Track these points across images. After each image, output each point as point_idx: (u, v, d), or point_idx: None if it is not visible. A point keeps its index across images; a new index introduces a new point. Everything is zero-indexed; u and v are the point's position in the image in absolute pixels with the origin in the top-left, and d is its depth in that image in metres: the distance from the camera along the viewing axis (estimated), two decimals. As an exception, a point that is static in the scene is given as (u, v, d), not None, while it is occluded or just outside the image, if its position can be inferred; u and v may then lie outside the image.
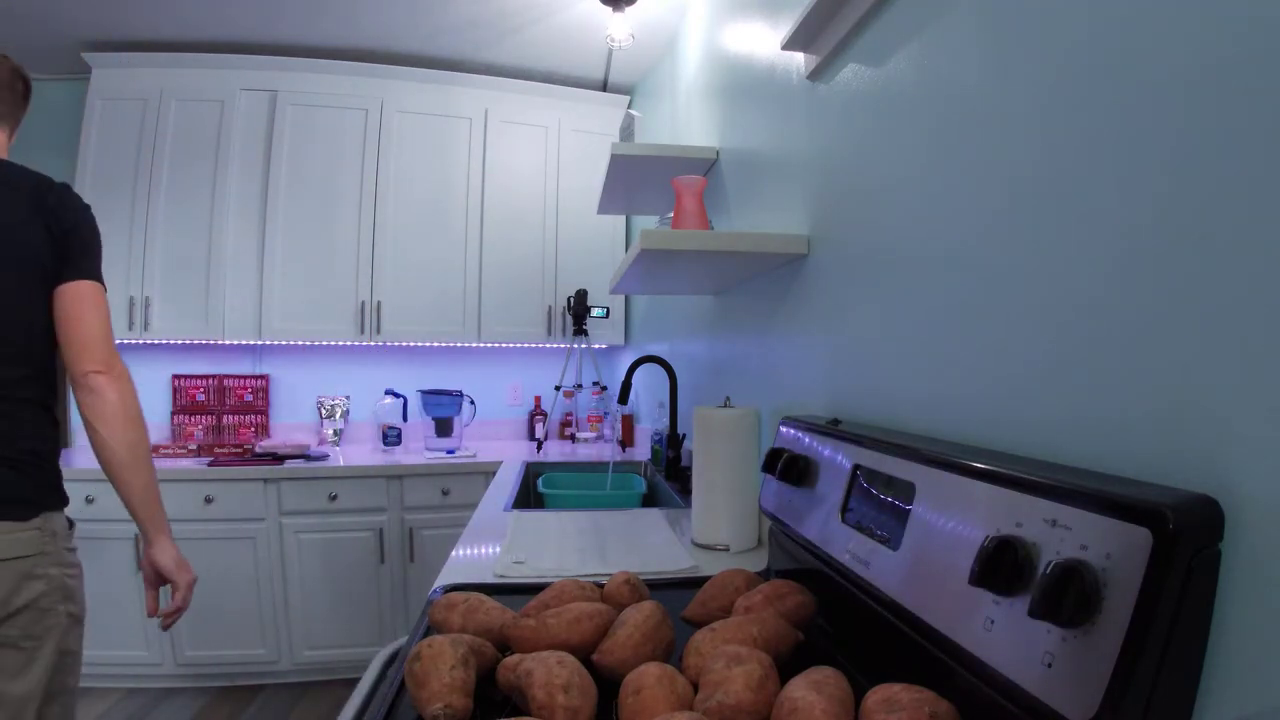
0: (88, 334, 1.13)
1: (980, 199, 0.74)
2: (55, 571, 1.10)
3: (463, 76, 2.87)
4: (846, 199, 1.06)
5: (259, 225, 2.70)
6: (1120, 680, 0.43)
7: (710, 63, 1.92)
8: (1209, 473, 0.47)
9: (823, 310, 1.14)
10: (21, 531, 1.05)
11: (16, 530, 1.05)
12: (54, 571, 1.10)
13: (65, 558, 1.13)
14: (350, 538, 2.45)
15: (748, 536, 1.29)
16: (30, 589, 1.06)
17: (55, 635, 1.09)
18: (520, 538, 1.35)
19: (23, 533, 1.06)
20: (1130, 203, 0.54)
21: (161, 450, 2.54)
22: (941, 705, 0.55)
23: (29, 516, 1.07)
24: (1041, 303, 0.64)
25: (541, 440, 2.88)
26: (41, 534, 1.08)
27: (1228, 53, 0.47)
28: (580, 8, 2.38)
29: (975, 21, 0.75)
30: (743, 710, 0.59)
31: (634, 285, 1.73)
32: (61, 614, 1.11)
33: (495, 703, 0.70)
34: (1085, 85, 0.59)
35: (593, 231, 3.03)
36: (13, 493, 1.06)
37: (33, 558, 1.07)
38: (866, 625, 0.76)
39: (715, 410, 1.28)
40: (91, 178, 2.58)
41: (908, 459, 0.72)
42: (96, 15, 2.43)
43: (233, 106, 2.68)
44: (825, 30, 1.11)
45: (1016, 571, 0.52)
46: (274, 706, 2.31)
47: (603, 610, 0.79)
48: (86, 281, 1.14)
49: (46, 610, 1.08)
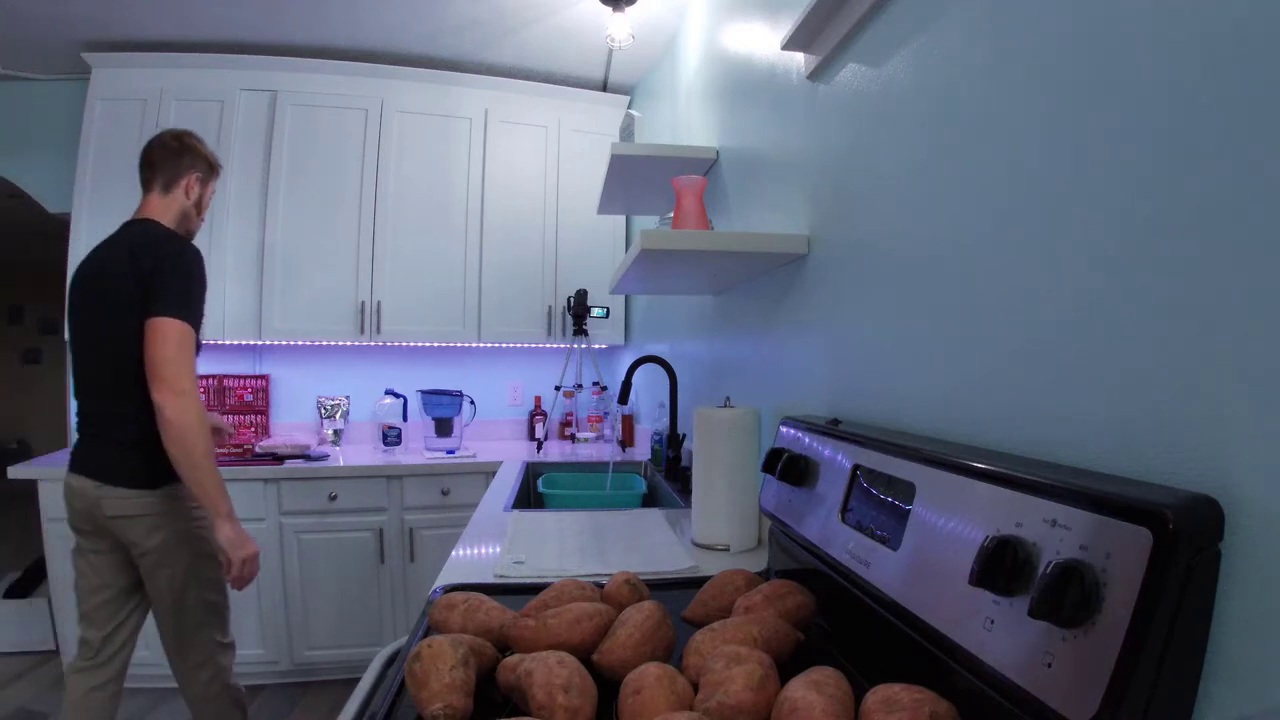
0: (152, 363, 1.43)
1: (980, 198, 0.74)
2: (180, 524, 1.52)
3: (463, 76, 2.87)
4: (846, 199, 1.06)
5: (259, 225, 2.70)
6: (1120, 680, 0.43)
7: (710, 63, 1.92)
8: (1209, 473, 0.47)
9: (823, 310, 1.14)
10: (149, 495, 1.49)
11: (144, 495, 1.49)
12: (179, 524, 1.52)
13: (189, 513, 1.54)
14: (350, 538, 2.45)
15: (748, 536, 1.29)
16: (155, 536, 1.49)
17: (182, 563, 1.53)
18: (520, 538, 1.35)
19: (150, 496, 1.49)
20: (1130, 202, 0.54)
21: (161, 450, 2.54)
22: (941, 705, 0.55)
23: (156, 486, 1.49)
24: (1041, 303, 0.64)
25: (541, 440, 2.88)
26: (166, 499, 1.51)
27: (1225, 53, 0.47)
28: (580, 8, 2.38)
29: (975, 21, 0.75)
30: (743, 710, 0.59)
31: (634, 285, 1.73)
32: (185, 552, 1.53)
33: (495, 703, 0.70)
34: (1084, 85, 0.59)
35: (593, 231, 3.03)
36: (139, 469, 1.49)
37: (155, 516, 1.49)
38: (866, 625, 0.76)
39: (715, 410, 1.28)
40: (91, 178, 2.58)
41: (908, 459, 0.72)
42: (96, 15, 2.43)
43: (233, 106, 2.68)
44: (825, 30, 1.11)
45: (1016, 571, 0.52)
46: (274, 706, 2.31)
47: (603, 610, 0.79)
48: (157, 318, 1.44)
49: (170, 549, 1.51)
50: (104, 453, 1.49)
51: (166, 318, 1.43)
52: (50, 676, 2.41)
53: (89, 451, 1.51)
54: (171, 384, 1.42)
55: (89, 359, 1.52)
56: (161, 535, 1.49)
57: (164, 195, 1.58)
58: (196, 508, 1.54)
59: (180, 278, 1.48)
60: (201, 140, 1.67)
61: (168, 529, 1.50)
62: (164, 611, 1.55)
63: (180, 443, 1.42)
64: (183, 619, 1.55)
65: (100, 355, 1.50)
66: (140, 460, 1.48)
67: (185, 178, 1.60)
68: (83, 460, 1.51)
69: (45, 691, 2.32)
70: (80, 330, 1.53)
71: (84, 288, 1.53)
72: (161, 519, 1.49)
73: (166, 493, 1.50)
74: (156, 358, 1.42)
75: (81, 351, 1.53)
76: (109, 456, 1.48)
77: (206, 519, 1.53)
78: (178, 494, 1.51)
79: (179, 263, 1.49)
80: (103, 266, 1.50)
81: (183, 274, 1.48)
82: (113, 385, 1.49)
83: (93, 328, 1.51)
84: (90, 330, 1.52)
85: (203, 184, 1.65)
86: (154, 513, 1.48)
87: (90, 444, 1.51)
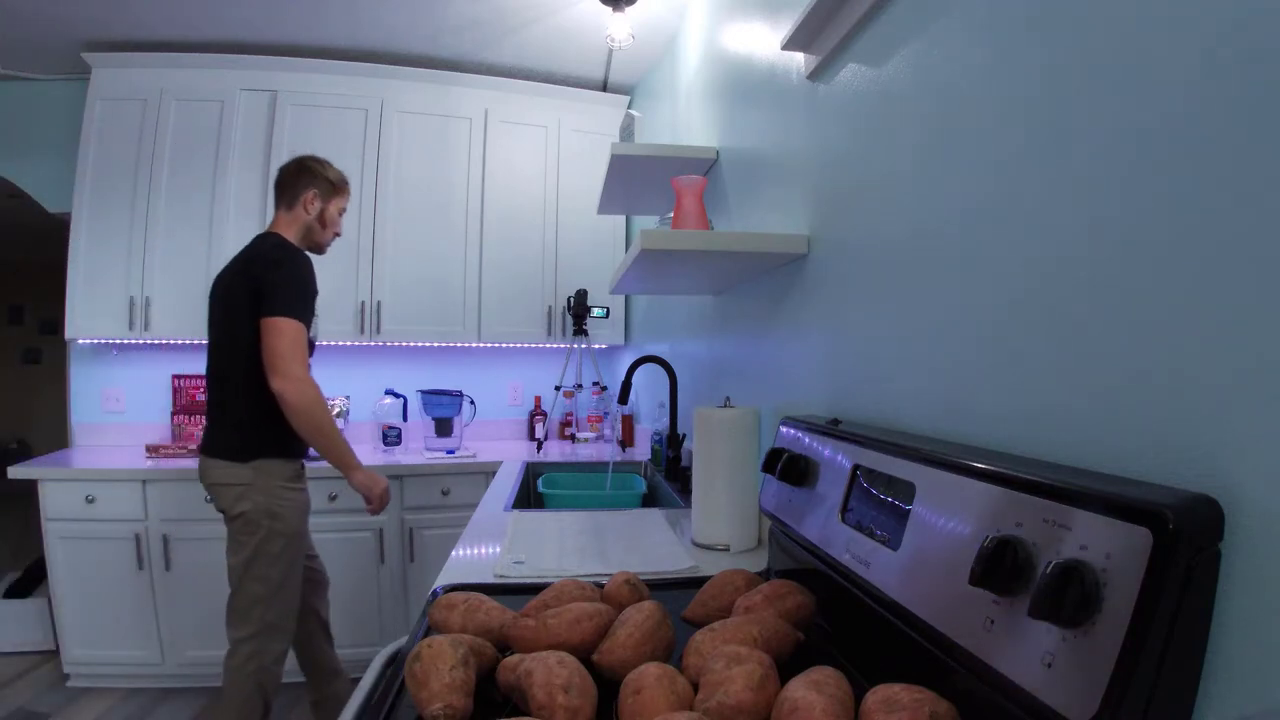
0: (269, 356, 1.65)
1: (980, 198, 0.74)
2: (262, 498, 1.69)
3: (463, 76, 2.87)
4: (846, 199, 1.06)
5: (259, 225, 2.69)
6: (1120, 680, 0.43)
7: (710, 63, 1.92)
8: (1209, 473, 0.47)
9: (823, 310, 1.14)
10: (240, 467, 1.68)
11: (236, 467, 1.68)
12: (260, 498, 1.68)
13: (274, 489, 1.71)
14: (350, 538, 2.45)
15: (748, 536, 1.29)
16: (241, 505, 1.67)
17: (259, 536, 1.68)
18: (520, 538, 1.35)
19: (240, 468, 1.68)
20: (1129, 202, 0.54)
21: (162, 450, 2.54)
22: (941, 705, 0.55)
23: (246, 460, 1.69)
24: (1041, 303, 0.64)
25: (541, 440, 2.88)
26: (255, 471, 1.69)
27: (1225, 52, 0.47)
28: (580, 8, 2.38)
29: (974, 22, 0.75)
30: (743, 710, 0.59)
31: (634, 285, 1.73)
32: (264, 525, 1.68)
33: (495, 703, 0.70)
34: (1084, 84, 0.59)
35: (593, 231, 3.03)
36: (235, 445, 1.70)
37: (244, 485, 1.68)
38: (866, 625, 0.76)
39: (715, 410, 1.28)
40: (91, 178, 2.58)
41: (908, 459, 0.72)
42: (96, 15, 2.43)
43: (233, 106, 2.68)
44: (825, 30, 1.11)
45: (1016, 571, 0.52)
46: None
47: (603, 610, 0.79)
48: (267, 318, 1.65)
49: (252, 520, 1.67)
50: (213, 431, 1.75)
51: (279, 316, 1.65)
52: (50, 676, 2.41)
53: (206, 431, 1.77)
54: (286, 373, 1.64)
55: (211, 355, 1.77)
56: (247, 505, 1.68)
57: (288, 212, 1.82)
58: (282, 485, 1.73)
59: (289, 281, 1.68)
60: (324, 163, 1.88)
61: (252, 500, 1.68)
62: (231, 578, 1.71)
63: (306, 420, 1.67)
64: (242, 589, 1.69)
65: (217, 351, 1.75)
66: (237, 437, 1.70)
67: (304, 195, 1.81)
68: (202, 438, 1.78)
69: (45, 691, 2.32)
70: (209, 330, 1.79)
71: (213, 293, 1.79)
72: (248, 490, 1.68)
73: (255, 467, 1.69)
74: (272, 351, 1.64)
75: (209, 348, 1.78)
76: (215, 434, 1.74)
77: (291, 496, 1.74)
78: (266, 470, 1.70)
79: (289, 268, 1.70)
80: (226, 275, 1.76)
81: (291, 278, 1.69)
82: (223, 376, 1.73)
83: (213, 328, 1.77)
84: (212, 330, 1.78)
85: (323, 199, 1.84)
86: (242, 483, 1.68)
87: (208, 425, 1.78)
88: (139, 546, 2.30)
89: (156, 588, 2.32)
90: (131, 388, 2.86)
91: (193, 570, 2.34)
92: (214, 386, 1.76)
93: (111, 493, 2.29)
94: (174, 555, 2.32)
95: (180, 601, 2.34)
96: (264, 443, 1.70)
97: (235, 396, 1.71)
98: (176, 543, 2.32)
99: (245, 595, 1.69)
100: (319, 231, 1.86)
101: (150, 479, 2.31)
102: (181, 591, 2.34)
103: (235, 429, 1.71)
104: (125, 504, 2.29)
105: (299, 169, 1.83)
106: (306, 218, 1.83)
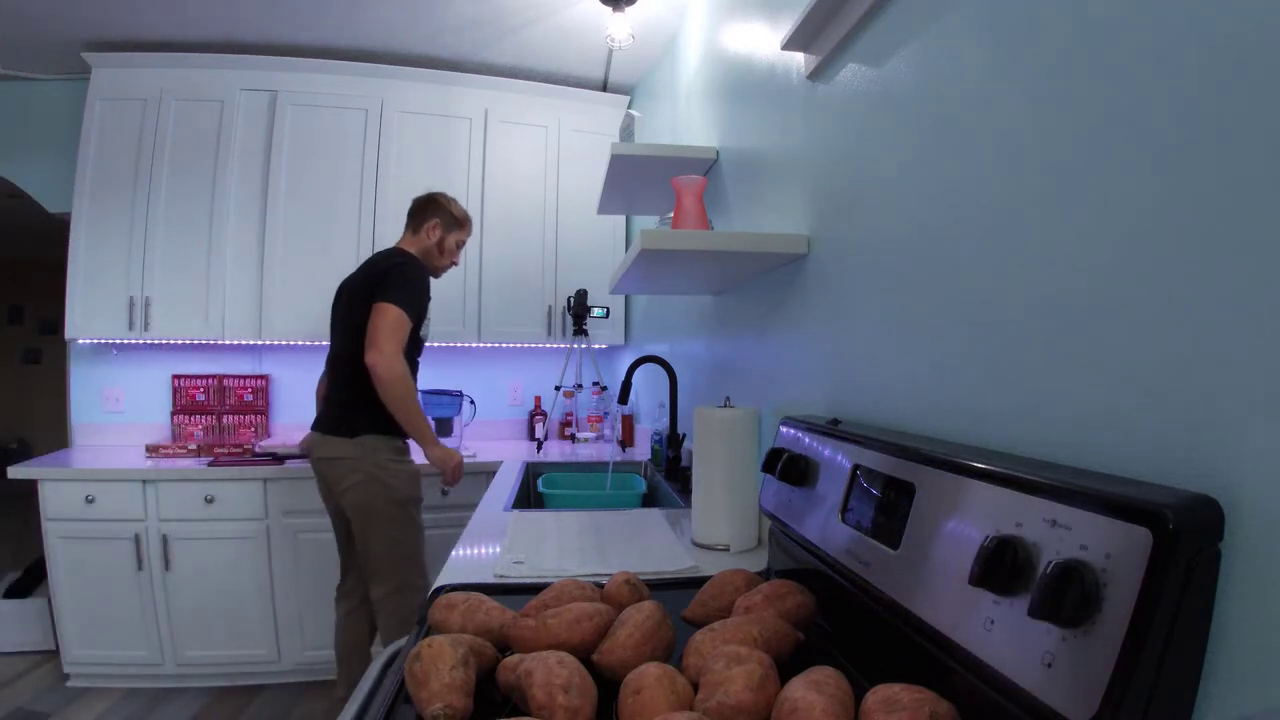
0: (370, 332, 1.83)
1: (980, 198, 0.74)
2: (370, 469, 1.87)
3: (463, 76, 2.87)
4: (846, 199, 1.06)
5: (259, 225, 2.70)
6: (1120, 680, 0.43)
7: (710, 63, 1.92)
8: (1209, 473, 0.47)
9: (823, 310, 1.14)
10: (347, 443, 1.88)
11: (344, 442, 1.89)
12: (369, 469, 1.87)
13: (382, 462, 1.89)
14: (350, 538, 2.45)
15: (748, 536, 1.29)
16: (351, 478, 1.87)
17: (376, 505, 1.88)
18: (520, 538, 1.35)
19: (347, 443, 1.88)
20: (1130, 202, 0.54)
21: (162, 450, 2.54)
22: (941, 705, 0.55)
23: (352, 435, 1.88)
24: (1041, 302, 0.64)
25: (541, 440, 2.88)
26: (360, 446, 1.88)
27: (1224, 51, 0.47)
28: (580, 8, 2.38)
29: (974, 21, 0.75)
30: (743, 710, 0.59)
31: (634, 285, 1.73)
32: (379, 496, 1.88)
33: (495, 703, 0.70)
34: (1084, 84, 0.59)
35: (593, 231, 3.03)
36: (342, 423, 1.91)
37: (352, 459, 1.87)
38: (866, 625, 0.76)
39: (715, 410, 1.28)
40: (91, 178, 2.58)
41: (908, 459, 0.72)
42: (96, 15, 2.43)
43: (233, 106, 2.68)
44: (825, 30, 1.11)
45: (1016, 571, 0.52)
46: (274, 706, 2.31)
47: (603, 610, 0.79)
48: (379, 302, 1.84)
49: (360, 489, 1.87)
50: (324, 412, 1.99)
51: (387, 303, 1.84)
52: (50, 676, 2.41)
53: (321, 412, 2.01)
54: (380, 348, 1.80)
55: (331, 346, 2.03)
56: (356, 477, 1.87)
57: (413, 235, 2.08)
58: (388, 458, 1.91)
59: (403, 280, 1.89)
60: (451, 199, 2.13)
61: (361, 472, 1.86)
62: (359, 543, 1.92)
63: (391, 392, 1.83)
64: (370, 550, 1.90)
65: (335, 342, 2.01)
66: (344, 416, 1.91)
67: (427, 223, 2.07)
68: (315, 418, 2.00)
69: (45, 691, 2.32)
70: (331, 327, 2.04)
71: (337, 295, 2.04)
72: (356, 463, 1.87)
73: (361, 442, 1.88)
74: (373, 328, 1.82)
75: (331, 342, 2.04)
76: (326, 414, 1.97)
77: (396, 467, 1.92)
78: (370, 445, 1.88)
79: (404, 269, 1.92)
80: (351, 277, 2.03)
81: (405, 278, 1.90)
82: (338, 362, 1.98)
83: (334, 324, 2.01)
84: (333, 326, 2.02)
85: (444, 230, 2.08)
86: (350, 456, 1.88)
87: (323, 406, 2.02)
88: (139, 546, 2.30)
89: (156, 588, 2.32)
90: (131, 388, 2.86)
91: (192, 570, 2.34)
92: (330, 372, 2.02)
93: (111, 493, 2.29)
94: (174, 555, 2.32)
95: (180, 601, 2.34)
96: (367, 421, 1.89)
97: (345, 380, 1.93)
98: (176, 543, 2.32)
99: (375, 559, 1.90)
100: (436, 257, 2.10)
101: (150, 479, 2.31)
102: (181, 591, 2.34)
103: (341, 408, 1.93)
104: (125, 504, 2.29)
105: (428, 201, 2.10)
106: (427, 243, 2.07)
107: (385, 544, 1.89)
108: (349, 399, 1.92)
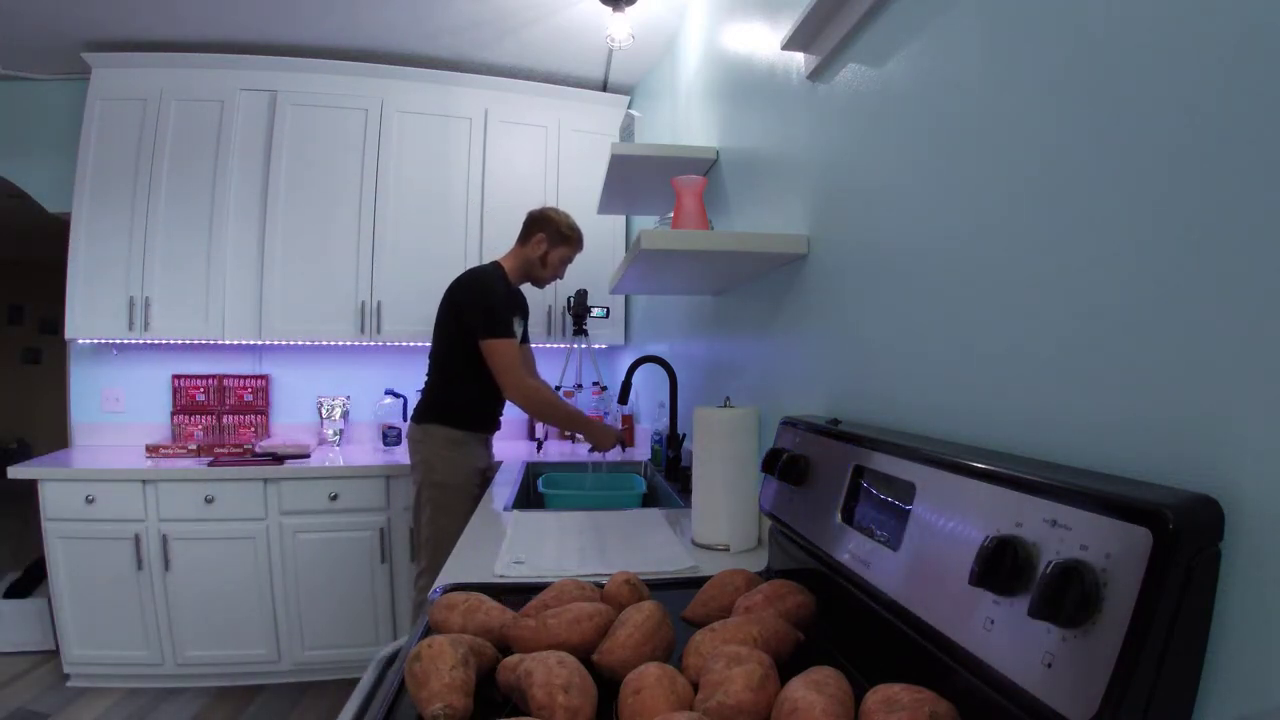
0: (495, 374, 2.01)
1: (980, 199, 0.74)
2: (425, 452, 2.08)
3: (463, 76, 2.87)
4: (847, 199, 1.06)
5: (259, 225, 2.70)
6: (1120, 680, 0.43)
7: (710, 63, 1.92)
8: (1209, 473, 0.47)
9: (823, 310, 1.14)
10: (416, 427, 2.12)
11: (414, 428, 2.13)
12: (424, 452, 2.08)
13: (436, 449, 2.08)
14: (350, 537, 2.45)
15: (748, 536, 1.29)
16: (414, 457, 2.12)
17: (423, 487, 2.07)
18: (520, 538, 1.35)
19: (416, 428, 2.12)
20: (1130, 203, 0.54)
21: (162, 450, 2.54)
22: (941, 705, 0.55)
23: (419, 422, 2.12)
24: (1041, 303, 0.64)
25: (541, 440, 2.88)
26: (422, 432, 2.10)
27: (1228, 53, 0.47)
28: (580, 8, 2.38)
29: (975, 21, 0.75)
30: (743, 710, 0.59)
31: (634, 285, 1.73)
32: (427, 481, 2.06)
33: (495, 703, 0.70)
34: (1085, 84, 0.59)
35: (593, 231, 3.01)
36: (419, 411, 2.14)
37: (417, 442, 2.11)
38: (866, 625, 0.76)
39: (715, 410, 1.28)
40: (91, 178, 2.58)
41: (908, 459, 0.72)
42: (96, 15, 2.43)
43: (233, 106, 2.68)
44: (825, 30, 1.11)
45: (1016, 571, 0.52)
46: (274, 706, 2.31)
47: (603, 610, 0.79)
48: (483, 341, 2.01)
49: (415, 468, 2.11)
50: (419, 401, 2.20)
51: (488, 339, 2.00)
52: (50, 676, 2.41)
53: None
54: (513, 387, 2.01)
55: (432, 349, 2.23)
56: (416, 457, 2.10)
57: (521, 246, 2.19)
58: (443, 446, 2.07)
59: (475, 309, 2.03)
60: (561, 214, 2.21)
61: (420, 454, 2.08)
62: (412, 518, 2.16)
63: (533, 412, 2.14)
64: (417, 531, 2.10)
65: (432, 345, 2.20)
66: (419, 406, 2.15)
67: (535, 236, 2.16)
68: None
69: (45, 691, 2.32)
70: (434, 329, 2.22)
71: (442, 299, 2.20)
72: (417, 445, 2.10)
73: (425, 429, 2.09)
74: (495, 371, 2.00)
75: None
76: (418, 403, 2.18)
77: (448, 456, 2.07)
78: (432, 433, 2.08)
79: (479, 292, 2.06)
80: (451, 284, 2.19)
81: (475, 306, 2.03)
82: (430, 359, 2.18)
83: (435, 328, 2.19)
84: (435, 330, 2.19)
85: (549, 244, 2.17)
86: (414, 439, 2.11)
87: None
88: (139, 546, 2.30)
89: (156, 588, 2.32)
90: (131, 388, 2.86)
91: (192, 570, 2.34)
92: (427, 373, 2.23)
93: (111, 493, 2.29)
94: (174, 555, 2.32)
95: (180, 601, 2.34)
96: (432, 411, 2.10)
97: (428, 373, 2.17)
98: (176, 543, 2.32)
99: (419, 536, 2.08)
100: (539, 269, 2.19)
101: (150, 479, 2.31)
102: (181, 591, 2.34)
103: (421, 398, 2.17)
104: (125, 504, 2.29)
105: (540, 215, 2.20)
106: (532, 255, 2.17)
107: (428, 527, 2.02)
108: (426, 390, 2.15)
